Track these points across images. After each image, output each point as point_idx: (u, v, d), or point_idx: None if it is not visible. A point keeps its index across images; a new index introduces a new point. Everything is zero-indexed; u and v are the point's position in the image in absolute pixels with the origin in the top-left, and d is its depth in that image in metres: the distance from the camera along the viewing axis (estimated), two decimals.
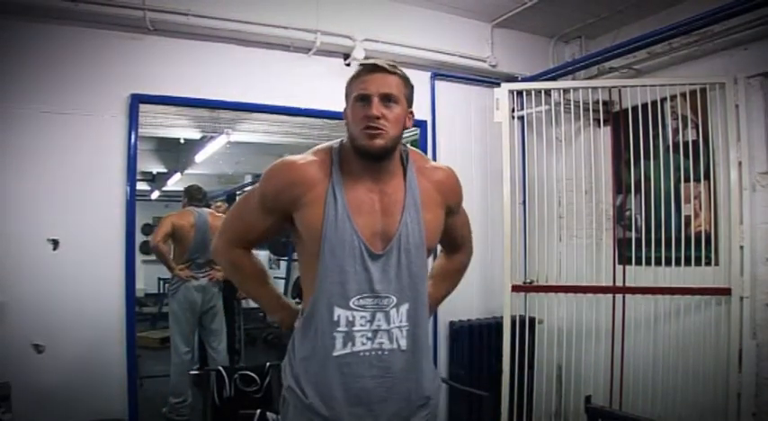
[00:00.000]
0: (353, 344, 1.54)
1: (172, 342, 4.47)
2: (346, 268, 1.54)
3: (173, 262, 4.48)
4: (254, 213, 1.66)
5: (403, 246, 1.58)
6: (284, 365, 1.67)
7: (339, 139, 1.68)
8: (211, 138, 5.89)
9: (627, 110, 3.62)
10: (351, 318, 1.54)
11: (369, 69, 1.59)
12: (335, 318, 1.54)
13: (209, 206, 5.00)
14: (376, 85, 1.56)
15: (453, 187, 1.75)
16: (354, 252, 1.54)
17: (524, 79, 4.13)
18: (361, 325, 1.54)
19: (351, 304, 1.54)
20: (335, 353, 1.54)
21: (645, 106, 3.53)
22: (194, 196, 4.73)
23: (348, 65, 3.76)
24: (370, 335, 1.55)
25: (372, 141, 1.53)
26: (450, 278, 1.95)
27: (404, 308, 1.58)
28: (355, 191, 1.58)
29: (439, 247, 1.93)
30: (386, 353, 1.56)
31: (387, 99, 1.56)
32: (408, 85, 1.64)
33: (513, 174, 3.73)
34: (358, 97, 1.57)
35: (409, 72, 4.22)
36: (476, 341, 3.92)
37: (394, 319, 1.57)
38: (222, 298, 4.72)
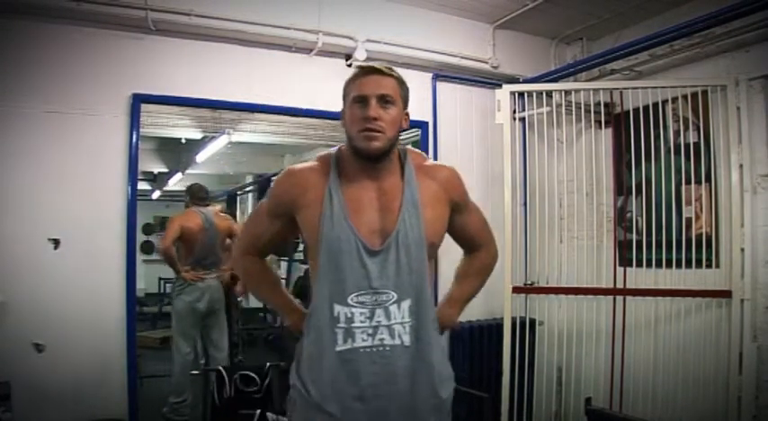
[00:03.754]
0: (354, 341, 1.56)
1: (174, 342, 4.43)
2: (343, 265, 1.57)
3: (179, 265, 4.42)
4: (263, 220, 1.74)
5: (401, 242, 1.59)
6: (292, 366, 1.69)
7: (338, 146, 1.72)
8: (213, 138, 5.89)
9: (628, 111, 3.61)
10: (349, 315, 1.56)
11: (366, 71, 1.62)
12: (335, 315, 1.57)
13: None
14: (373, 86, 1.59)
15: (455, 184, 1.74)
16: (351, 249, 1.57)
17: (526, 81, 4.13)
18: (361, 321, 1.56)
19: (349, 301, 1.56)
20: (338, 349, 1.56)
21: (646, 108, 3.53)
22: (196, 195, 4.64)
23: (350, 65, 3.76)
24: (370, 331, 1.56)
25: (370, 143, 1.57)
26: (472, 277, 1.92)
27: (405, 304, 1.59)
28: (353, 190, 1.62)
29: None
30: (387, 349, 1.57)
31: (383, 100, 1.58)
32: (404, 87, 1.66)
33: (515, 175, 3.73)
34: (356, 99, 1.59)
35: (411, 73, 4.25)
36: (476, 342, 3.92)
37: (395, 315, 1.58)
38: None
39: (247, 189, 9.60)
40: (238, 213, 9.64)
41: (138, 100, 3.23)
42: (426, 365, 1.63)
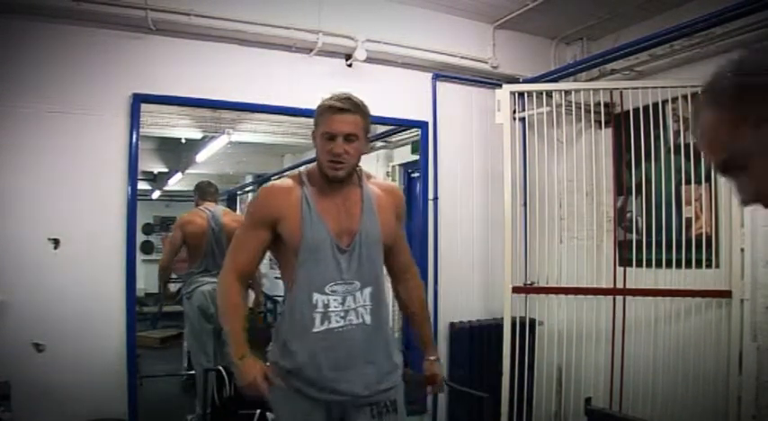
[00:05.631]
0: (329, 322, 1.89)
1: (192, 353, 4.26)
2: (321, 261, 1.89)
3: (186, 274, 4.30)
4: (249, 233, 1.99)
5: (364, 241, 1.94)
6: (270, 347, 2.00)
7: (305, 167, 2.05)
8: (213, 137, 5.88)
9: (628, 111, 3.61)
10: (326, 302, 1.89)
11: (335, 110, 1.90)
12: (314, 302, 1.88)
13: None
14: (340, 126, 1.89)
15: (399, 197, 2.15)
16: (326, 247, 1.90)
17: (526, 81, 4.13)
18: (335, 306, 1.89)
19: (326, 290, 1.89)
20: (315, 330, 1.88)
21: (646, 108, 3.53)
22: (205, 191, 4.47)
23: (350, 65, 3.76)
24: (342, 314, 1.90)
25: (335, 172, 1.91)
26: (425, 319, 2.27)
27: (367, 290, 1.94)
28: (323, 200, 1.95)
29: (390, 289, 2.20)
30: (353, 327, 1.91)
31: (349, 137, 1.90)
32: (367, 119, 1.96)
33: (514, 175, 3.73)
34: (325, 135, 1.91)
35: (411, 73, 4.26)
36: (476, 342, 3.92)
37: (359, 300, 1.92)
38: None
39: (247, 189, 9.60)
40: (238, 213, 9.63)
41: (139, 100, 3.23)
42: (383, 337, 1.99)
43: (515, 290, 3.64)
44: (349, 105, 1.91)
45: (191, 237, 4.28)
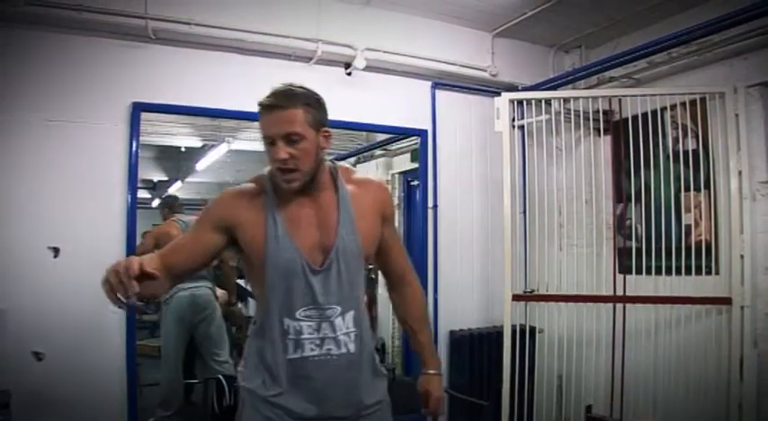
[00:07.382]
0: (303, 350, 1.62)
1: (164, 354, 4.28)
2: (291, 284, 1.61)
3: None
4: (192, 233, 1.69)
5: (341, 258, 1.64)
6: (240, 369, 1.74)
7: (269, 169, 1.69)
8: (212, 146, 5.90)
9: (627, 119, 3.63)
10: (298, 328, 1.62)
11: (266, 109, 1.58)
12: (285, 328, 1.62)
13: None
14: (276, 126, 1.56)
15: (385, 196, 1.83)
16: (296, 268, 1.61)
17: (525, 88, 4.14)
18: (309, 333, 1.62)
19: (297, 315, 1.62)
20: (288, 357, 1.63)
21: (645, 115, 3.54)
22: (175, 205, 4.61)
23: (349, 74, 3.77)
24: (318, 342, 1.63)
25: (289, 184, 1.60)
26: (425, 327, 1.97)
27: (350, 315, 1.66)
28: (291, 209, 1.64)
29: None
30: (335, 357, 1.64)
31: (289, 139, 1.56)
32: (311, 109, 1.61)
33: (514, 183, 3.73)
34: (265, 139, 1.59)
35: (410, 81, 4.27)
36: (476, 350, 3.91)
37: (340, 327, 1.64)
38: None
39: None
40: None
41: (139, 109, 3.23)
42: (370, 368, 1.73)
43: (515, 297, 3.64)
44: (278, 101, 1.57)
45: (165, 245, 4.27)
